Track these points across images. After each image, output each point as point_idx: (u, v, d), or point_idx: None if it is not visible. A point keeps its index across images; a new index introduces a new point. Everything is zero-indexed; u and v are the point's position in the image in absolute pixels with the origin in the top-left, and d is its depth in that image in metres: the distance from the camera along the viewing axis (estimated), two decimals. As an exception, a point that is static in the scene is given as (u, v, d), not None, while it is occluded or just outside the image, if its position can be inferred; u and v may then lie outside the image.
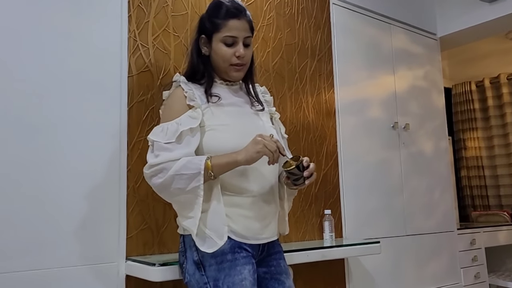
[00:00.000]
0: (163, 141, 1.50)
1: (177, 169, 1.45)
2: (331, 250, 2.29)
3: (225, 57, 1.62)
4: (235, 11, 1.60)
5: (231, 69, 1.64)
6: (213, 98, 1.63)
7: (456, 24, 3.55)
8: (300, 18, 2.70)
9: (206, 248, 1.47)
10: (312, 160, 2.57)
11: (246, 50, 1.64)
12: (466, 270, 3.46)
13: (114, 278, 1.82)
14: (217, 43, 1.62)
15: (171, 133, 1.51)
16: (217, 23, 1.61)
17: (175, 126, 1.52)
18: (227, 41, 1.61)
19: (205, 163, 1.46)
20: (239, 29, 1.61)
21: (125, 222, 1.88)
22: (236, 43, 1.61)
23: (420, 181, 3.23)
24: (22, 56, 1.72)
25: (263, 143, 1.46)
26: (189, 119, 1.54)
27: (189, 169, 1.45)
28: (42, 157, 1.71)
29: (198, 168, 1.45)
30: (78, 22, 1.87)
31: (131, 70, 1.99)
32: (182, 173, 1.45)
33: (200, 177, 1.45)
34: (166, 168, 1.46)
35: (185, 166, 1.46)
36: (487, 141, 4.94)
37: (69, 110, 1.80)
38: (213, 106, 1.61)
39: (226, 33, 1.60)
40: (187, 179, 1.45)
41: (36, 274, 1.65)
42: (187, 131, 1.52)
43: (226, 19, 1.60)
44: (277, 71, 2.53)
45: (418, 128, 3.29)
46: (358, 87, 2.93)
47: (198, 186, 1.45)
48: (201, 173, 1.45)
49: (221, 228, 1.48)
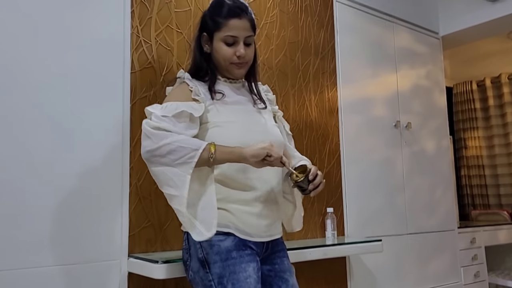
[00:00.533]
0: (159, 113, 1.47)
1: (174, 139, 1.42)
2: (333, 248, 2.29)
3: (225, 57, 1.61)
4: (236, 10, 1.59)
5: (233, 67, 1.64)
6: (217, 95, 1.62)
7: (459, 23, 3.54)
8: (303, 15, 2.69)
9: (195, 236, 1.45)
10: (315, 158, 2.58)
11: (247, 49, 1.63)
12: (466, 269, 3.46)
13: (117, 275, 1.82)
14: (218, 42, 1.61)
15: (170, 110, 1.49)
16: (218, 22, 1.59)
17: (175, 105, 1.50)
18: (227, 40, 1.60)
19: (208, 146, 1.43)
20: (239, 29, 1.59)
21: (127, 219, 1.87)
22: (237, 42, 1.60)
23: (422, 180, 3.23)
24: (25, 51, 1.71)
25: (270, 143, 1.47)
26: (191, 107, 1.53)
27: (188, 144, 1.42)
28: (44, 153, 1.70)
29: (198, 146, 1.42)
30: (81, 17, 1.86)
31: (134, 66, 1.98)
32: (180, 145, 1.41)
33: (196, 153, 1.41)
34: (164, 136, 1.42)
35: (184, 140, 1.43)
36: (487, 141, 4.94)
37: (71, 106, 1.79)
38: (218, 103, 1.61)
39: (227, 33, 1.59)
40: (182, 152, 1.41)
41: (39, 271, 1.65)
42: (187, 114, 1.50)
43: (227, 18, 1.58)
44: (280, 68, 2.52)
45: (420, 127, 3.29)
46: (361, 86, 2.93)
47: (190, 162, 1.41)
48: (199, 151, 1.41)
49: (210, 221, 1.45)
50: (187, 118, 1.51)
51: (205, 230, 1.44)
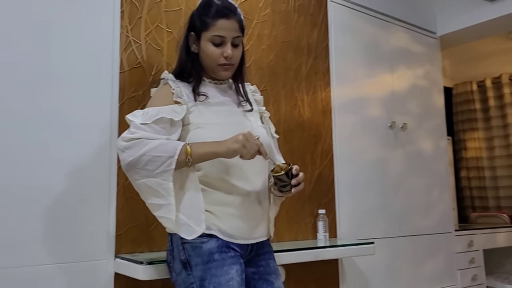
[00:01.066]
0: (139, 121, 1.46)
1: (149, 148, 1.41)
2: (324, 251, 2.27)
3: (212, 57, 1.60)
4: (224, 11, 1.58)
5: (219, 68, 1.63)
6: (200, 97, 1.61)
7: (457, 23, 3.51)
8: (296, 15, 2.67)
9: (185, 235, 1.45)
10: (307, 159, 2.57)
11: (235, 50, 1.62)
12: (463, 272, 3.44)
13: (103, 275, 1.81)
14: (205, 42, 1.60)
15: (150, 116, 1.48)
16: (206, 22, 1.59)
17: (155, 111, 1.50)
18: (215, 40, 1.59)
19: (184, 148, 1.43)
20: (227, 29, 1.58)
21: (114, 219, 1.87)
22: (224, 43, 1.60)
23: (417, 181, 3.20)
24: (12, 51, 1.70)
25: (242, 144, 1.44)
26: (172, 111, 1.52)
27: (162, 151, 1.41)
28: (30, 152, 1.70)
29: (173, 152, 1.41)
30: (70, 17, 1.85)
31: (123, 66, 1.97)
32: (154, 154, 1.40)
33: (173, 160, 1.41)
34: (139, 146, 1.42)
35: (158, 147, 1.42)
36: (487, 142, 4.90)
37: (59, 106, 1.78)
38: (201, 104, 1.60)
39: (214, 33, 1.58)
40: (158, 162, 1.41)
41: (24, 270, 1.64)
42: (167, 121, 1.50)
43: (215, 19, 1.58)
44: (271, 68, 2.50)
45: (416, 128, 3.26)
46: (355, 86, 2.90)
47: (168, 170, 1.41)
48: (175, 157, 1.41)
49: (198, 215, 1.46)
50: (168, 124, 1.51)
51: (195, 225, 1.46)
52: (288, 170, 1.50)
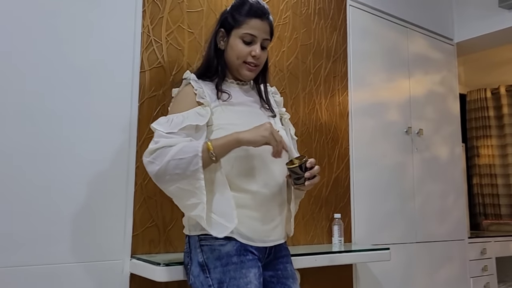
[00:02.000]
0: (165, 130, 1.46)
1: (173, 153, 1.40)
2: (339, 255, 2.25)
3: (240, 54, 1.59)
4: (259, 11, 1.59)
5: (244, 67, 1.62)
6: (223, 95, 1.60)
7: (474, 30, 3.49)
8: (316, 18, 2.66)
9: (217, 233, 1.44)
10: (324, 162, 2.55)
11: (262, 52, 1.62)
12: (476, 280, 3.40)
13: (119, 275, 1.80)
14: (235, 39, 1.60)
15: (175, 124, 1.47)
16: (238, 19, 1.59)
17: (180, 118, 1.49)
18: (245, 38, 1.59)
19: (205, 145, 1.42)
20: (260, 30, 1.59)
21: (131, 219, 1.86)
22: (254, 42, 1.60)
23: (433, 187, 3.18)
24: (35, 48, 1.70)
25: (270, 131, 1.43)
26: (196, 115, 1.51)
27: (186, 152, 1.40)
28: (50, 150, 1.70)
29: (196, 151, 1.40)
30: (92, 15, 1.85)
31: (143, 65, 1.97)
32: (179, 158, 1.39)
33: (198, 159, 1.39)
34: (163, 154, 1.41)
35: (181, 150, 1.41)
36: (500, 149, 4.86)
37: (79, 104, 1.78)
38: (223, 105, 1.59)
39: (246, 30, 1.58)
40: (185, 163, 1.39)
41: (41, 269, 1.64)
42: (192, 127, 1.49)
43: (249, 17, 1.58)
44: (291, 71, 2.49)
45: (432, 134, 3.24)
46: (373, 90, 2.89)
47: (197, 169, 1.39)
48: (199, 155, 1.39)
49: (230, 212, 1.44)
50: (193, 130, 1.50)
51: (227, 222, 1.44)
52: (302, 163, 1.48)
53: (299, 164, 1.48)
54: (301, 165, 1.48)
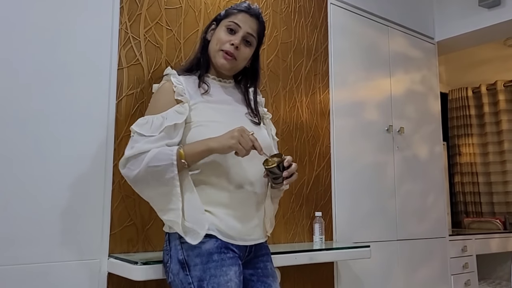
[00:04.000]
0: (146, 133, 1.48)
1: (148, 160, 1.42)
2: (320, 253, 2.25)
3: (220, 40, 1.63)
4: (250, 9, 1.65)
5: (220, 54, 1.63)
6: (203, 86, 1.63)
7: (454, 29, 3.52)
8: (297, 16, 2.66)
9: (190, 240, 1.44)
10: (305, 160, 2.55)
11: (244, 47, 1.64)
12: (457, 277, 3.43)
13: (96, 275, 1.77)
14: (221, 28, 1.65)
15: (155, 127, 1.48)
16: (229, 12, 1.66)
17: (160, 119, 1.50)
18: (230, 26, 1.63)
19: (178, 152, 1.44)
20: (245, 22, 1.64)
21: (109, 218, 1.83)
22: (237, 32, 1.62)
23: (413, 186, 3.20)
24: (9, 46, 1.67)
25: (237, 139, 1.42)
26: (175, 114, 1.51)
27: (160, 160, 1.42)
28: (25, 150, 1.66)
29: (170, 159, 1.42)
30: (69, 12, 1.82)
31: (121, 62, 1.95)
32: (154, 165, 1.42)
33: (174, 167, 1.42)
34: (139, 160, 1.44)
35: (155, 157, 1.42)
36: (481, 148, 4.93)
37: (55, 102, 1.75)
38: (202, 102, 1.59)
39: (232, 19, 1.63)
40: (161, 171, 1.42)
41: (15, 269, 1.60)
42: (171, 127, 1.50)
43: (239, 11, 1.64)
44: (271, 69, 2.49)
45: (412, 132, 3.26)
46: (354, 89, 2.89)
47: (173, 176, 1.43)
48: (174, 163, 1.42)
49: (200, 218, 1.46)
50: (172, 129, 1.50)
51: (200, 229, 1.45)
52: (280, 163, 1.47)
53: (276, 164, 1.47)
54: (278, 164, 1.47)
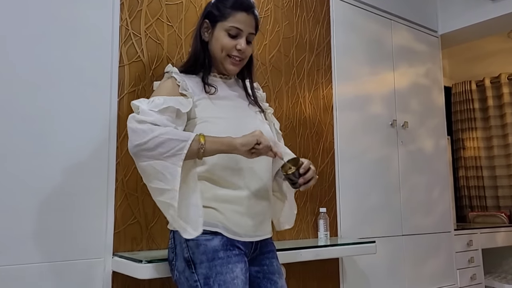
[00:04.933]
0: (146, 107, 1.42)
1: (164, 132, 1.37)
2: (325, 249, 2.24)
3: (225, 47, 1.57)
4: (245, 4, 1.57)
5: (228, 60, 1.60)
6: (210, 89, 1.59)
7: (458, 21, 3.49)
8: (299, 11, 2.64)
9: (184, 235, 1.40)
10: (308, 156, 2.53)
11: (248, 46, 1.61)
12: (462, 271, 3.42)
13: (101, 274, 1.77)
14: (220, 32, 1.58)
15: (156, 104, 1.44)
16: (224, 12, 1.57)
17: (161, 99, 1.46)
18: (231, 31, 1.57)
19: (197, 136, 1.39)
20: (246, 23, 1.57)
21: (113, 216, 1.82)
22: (240, 36, 1.58)
23: (418, 180, 3.18)
24: (10, 45, 1.66)
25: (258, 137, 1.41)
26: (178, 102, 1.48)
27: (176, 135, 1.38)
28: (28, 148, 1.66)
29: (187, 137, 1.38)
30: (69, 9, 1.81)
31: (122, 60, 1.93)
32: (168, 137, 1.36)
33: (186, 145, 1.37)
34: (152, 129, 1.38)
35: (172, 131, 1.38)
36: (486, 142, 4.89)
37: (57, 100, 1.74)
38: (206, 98, 1.57)
39: (232, 24, 1.56)
40: (171, 144, 1.36)
41: (19, 268, 1.60)
42: (174, 110, 1.46)
43: (235, 10, 1.56)
44: (274, 64, 2.47)
45: (417, 126, 3.24)
46: (357, 83, 2.87)
47: (179, 154, 1.36)
48: (188, 142, 1.37)
49: (196, 220, 1.40)
50: (174, 114, 1.47)
51: (192, 229, 1.40)
52: (296, 170, 1.48)
53: (293, 171, 1.47)
54: (294, 172, 1.48)
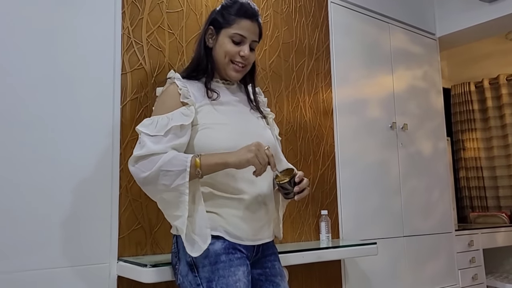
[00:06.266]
0: (151, 133, 1.46)
1: (162, 164, 1.41)
2: (327, 251, 2.26)
3: (229, 53, 1.60)
4: (249, 12, 1.60)
5: (231, 67, 1.62)
6: (213, 94, 1.61)
7: (455, 24, 3.52)
8: (297, 16, 2.67)
9: (194, 253, 1.45)
10: (309, 160, 2.56)
11: (251, 53, 1.63)
12: (464, 272, 3.44)
13: (106, 279, 1.79)
14: (225, 38, 1.60)
15: (161, 126, 1.47)
16: (229, 19, 1.59)
17: (165, 120, 1.49)
18: (235, 38, 1.59)
19: (193, 160, 1.42)
20: (250, 31, 1.60)
21: (117, 222, 1.85)
22: (244, 43, 1.60)
23: (418, 182, 3.20)
24: (14, 52, 1.69)
25: (255, 153, 1.42)
26: (181, 115, 1.51)
27: (174, 165, 1.41)
28: (32, 156, 1.68)
29: (184, 165, 1.41)
30: (71, 18, 1.84)
31: (124, 67, 1.96)
32: (167, 169, 1.40)
33: (186, 174, 1.41)
34: (151, 162, 1.42)
35: (170, 161, 1.41)
36: (486, 142, 4.91)
37: (60, 108, 1.76)
38: (209, 104, 1.59)
39: (236, 31, 1.59)
40: (173, 175, 1.40)
41: (25, 275, 1.62)
42: (177, 127, 1.49)
43: (239, 17, 1.59)
44: (274, 69, 2.50)
45: (416, 129, 3.27)
46: (356, 87, 2.90)
47: (183, 183, 1.41)
48: (187, 170, 1.41)
49: (204, 232, 1.45)
50: (178, 130, 1.49)
51: (202, 243, 1.44)
52: (291, 178, 1.49)
53: (287, 180, 1.49)
54: (289, 180, 1.49)
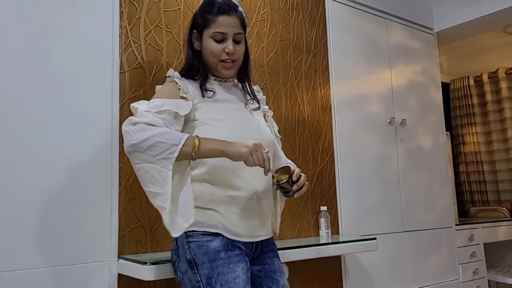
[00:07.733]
0: (144, 108, 1.47)
1: (155, 133, 1.40)
2: (327, 247, 2.27)
3: (214, 53, 1.61)
4: (225, 8, 1.60)
5: (221, 66, 1.64)
6: (208, 93, 1.62)
7: (453, 18, 3.52)
8: (295, 13, 2.68)
9: (175, 233, 1.45)
10: (308, 156, 2.57)
11: (237, 46, 1.63)
12: (465, 266, 3.44)
13: (106, 276, 1.80)
14: (207, 39, 1.62)
15: (154, 106, 1.48)
16: (207, 19, 1.61)
17: (161, 102, 1.50)
18: (216, 37, 1.60)
19: (191, 140, 1.42)
20: (228, 25, 1.60)
21: (117, 220, 1.86)
22: (226, 39, 1.61)
23: (418, 177, 3.21)
24: (12, 51, 1.70)
25: (250, 151, 1.42)
26: (177, 105, 1.52)
27: (168, 138, 1.41)
28: (32, 154, 1.69)
29: (178, 141, 1.41)
30: (69, 18, 1.85)
31: (123, 66, 1.97)
32: (159, 140, 1.40)
33: (176, 149, 1.40)
34: (144, 129, 1.41)
35: (164, 134, 1.41)
36: (485, 136, 4.92)
37: (59, 107, 1.78)
38: (207, 101, 1.60)
39: (215, 29, 1.60)
40: (161, 147, 1.39)
41: (27, 273, 1.63)
42: (171, 113, 1.49)
43: (216, 15, 1.60)
44: (271, 66, 2.50)
45: (415, 124, 3.27)
46: (354, 83, 2.91)
47: (169, 158, 1.40)
48: (179, 146, 1.40)
49: (188, 212, 1.45)
50: (172, 115, 1.50)
51: (183, 222, 1.44)
52: (289, 178, 1.51)
53: (286, 180, 1.50)
54: (287, 180, 1.50)
